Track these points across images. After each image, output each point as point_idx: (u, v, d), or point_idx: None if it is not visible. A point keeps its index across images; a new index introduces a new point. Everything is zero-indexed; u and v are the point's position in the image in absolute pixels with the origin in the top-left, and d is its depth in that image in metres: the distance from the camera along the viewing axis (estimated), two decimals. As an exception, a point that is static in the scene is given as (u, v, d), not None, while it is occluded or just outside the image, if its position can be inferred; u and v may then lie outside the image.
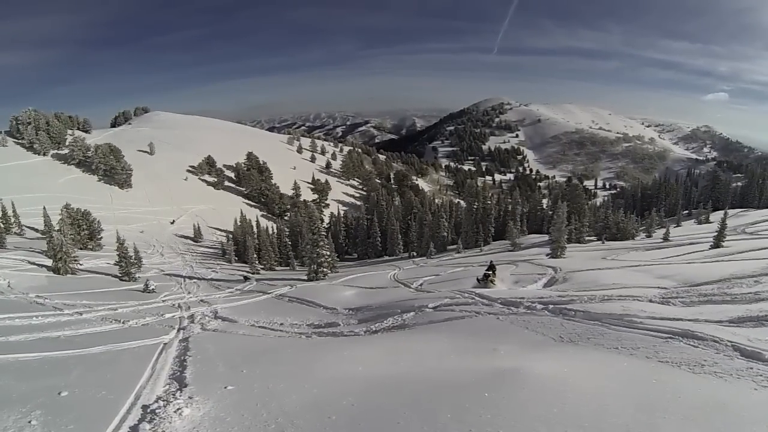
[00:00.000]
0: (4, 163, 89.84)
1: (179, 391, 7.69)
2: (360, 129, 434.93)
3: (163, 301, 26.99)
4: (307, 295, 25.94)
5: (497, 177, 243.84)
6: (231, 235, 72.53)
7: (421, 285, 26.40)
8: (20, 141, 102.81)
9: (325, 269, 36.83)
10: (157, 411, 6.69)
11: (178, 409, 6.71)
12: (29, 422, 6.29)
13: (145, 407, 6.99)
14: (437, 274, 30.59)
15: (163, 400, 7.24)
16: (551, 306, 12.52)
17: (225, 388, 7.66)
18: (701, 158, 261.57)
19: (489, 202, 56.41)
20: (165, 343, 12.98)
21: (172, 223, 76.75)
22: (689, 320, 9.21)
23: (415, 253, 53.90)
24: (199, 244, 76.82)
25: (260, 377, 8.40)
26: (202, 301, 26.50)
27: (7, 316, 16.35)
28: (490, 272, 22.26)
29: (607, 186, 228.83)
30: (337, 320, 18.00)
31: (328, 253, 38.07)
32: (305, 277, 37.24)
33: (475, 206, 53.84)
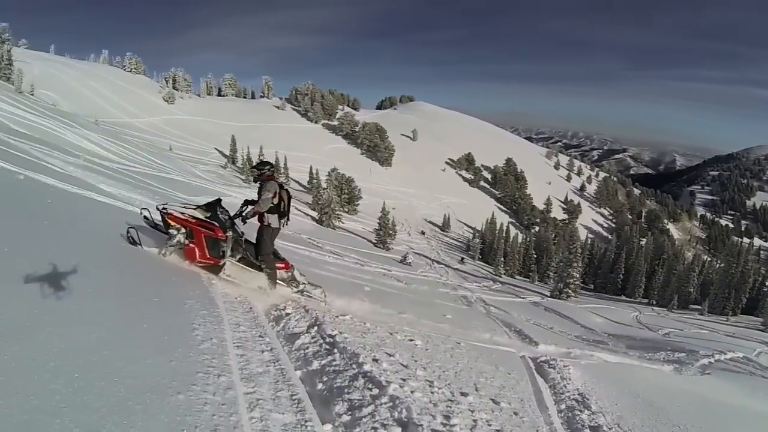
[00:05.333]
0: (282, 123, 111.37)
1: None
2: (616, 156, 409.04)
3: (424, 276, 31.90)
4: (560, 309, 28.83)
5: (757, 242, 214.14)
6: (478, 233, 76.79)
7: (667, 334, 26.89)
8: (297, 108, 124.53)
9: (570, 290, 38.93)
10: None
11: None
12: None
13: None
14: (680, 329, 30.10)
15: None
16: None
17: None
18: None
19: (749, 267, 53.24)
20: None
21: (422, 233, 75.12)
22: None
23: (654, 301, 52.34)
24: (445, 233, 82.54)
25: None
26: (459, 286, 30.63)
27: (297, 247, 21.55)
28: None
29: None
30: (602, 340, 19.80)
31: (578, 275, 39.97)
32: (547, 293, 39.50)
33: (733, 269, 50.99)
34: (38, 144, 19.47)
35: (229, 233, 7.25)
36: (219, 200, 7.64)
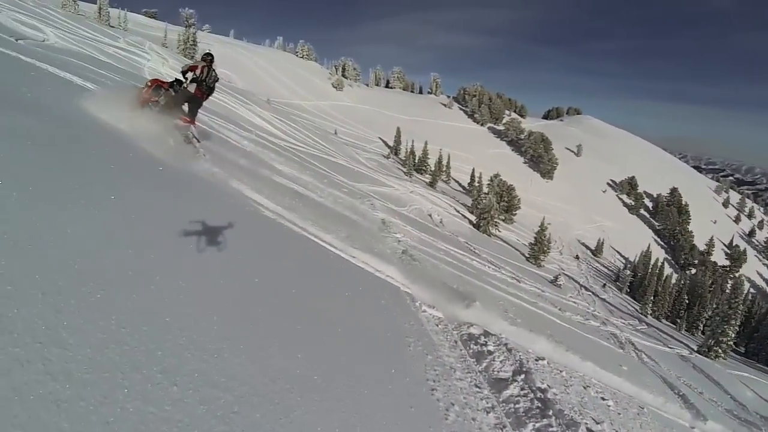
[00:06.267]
0: (448, 122, 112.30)
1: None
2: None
3: (574, 302, 31.27)
4: (709, 371, 27.78)
5: None
6: (630, 264, 73.07)
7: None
8: (464, 108, 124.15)
9: (720, 350, 36.04)
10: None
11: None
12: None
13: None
14: None
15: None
16: None
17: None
18: None
19: None
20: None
21: (576, 257, 71.16)
22: None
23: (814, 381, 45.89)
24: (596, 258, 79.31)
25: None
26: (607, 320, 30.05)
27: (455, 251, 22.76)
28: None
29: None
30: (755, 422, 19.12)
31: (733, 335, 36.84)
32: (694, 346, 37.06)
33: None
34: (215, 116, 21.12)
35: (170, 90, 10.04)
36: (179, 79, 10.23)
